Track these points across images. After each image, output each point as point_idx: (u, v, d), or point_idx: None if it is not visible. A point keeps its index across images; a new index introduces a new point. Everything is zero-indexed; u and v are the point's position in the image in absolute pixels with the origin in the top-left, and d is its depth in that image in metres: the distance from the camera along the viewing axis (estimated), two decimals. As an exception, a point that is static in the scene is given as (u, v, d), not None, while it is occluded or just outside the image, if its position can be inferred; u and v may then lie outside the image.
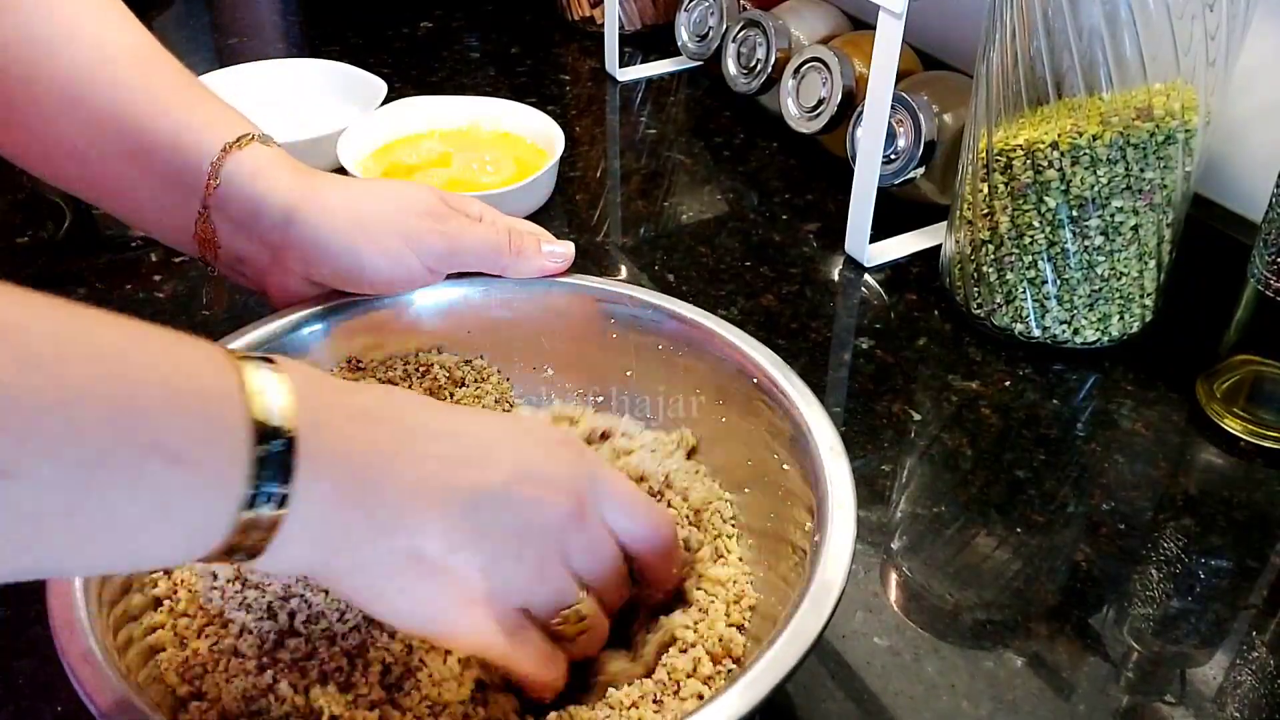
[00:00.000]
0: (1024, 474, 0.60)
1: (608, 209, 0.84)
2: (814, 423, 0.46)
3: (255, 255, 0.55)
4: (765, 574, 0.47)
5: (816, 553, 0.41)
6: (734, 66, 0.94)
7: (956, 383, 0.66)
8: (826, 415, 0.47)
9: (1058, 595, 0.53)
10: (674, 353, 0.54)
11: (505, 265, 0.56)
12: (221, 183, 0.53)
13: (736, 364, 0.51)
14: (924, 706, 0.47)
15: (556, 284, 0.56)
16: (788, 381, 0.49)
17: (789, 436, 0.47)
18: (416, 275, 0.55)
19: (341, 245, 0.53)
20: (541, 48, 1.11)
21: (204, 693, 0.41)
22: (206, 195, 0.53)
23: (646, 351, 0.55)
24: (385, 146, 0.85)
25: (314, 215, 0.53)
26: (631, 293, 0.55)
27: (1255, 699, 0.48)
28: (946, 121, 0.76)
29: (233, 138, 0.53)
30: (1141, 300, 0.67)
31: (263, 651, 0.42)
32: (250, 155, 0.53)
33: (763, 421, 0.49)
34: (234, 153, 0.53)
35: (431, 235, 0.54)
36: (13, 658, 0.48)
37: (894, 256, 0.78)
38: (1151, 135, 0.61)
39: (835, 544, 0.41)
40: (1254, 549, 0.55)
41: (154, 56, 0.54)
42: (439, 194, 0.56)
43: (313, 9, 1.21)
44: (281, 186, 0.53)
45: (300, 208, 0.53)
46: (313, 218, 0.53)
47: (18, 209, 0.81)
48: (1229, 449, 0.61)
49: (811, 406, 0.47)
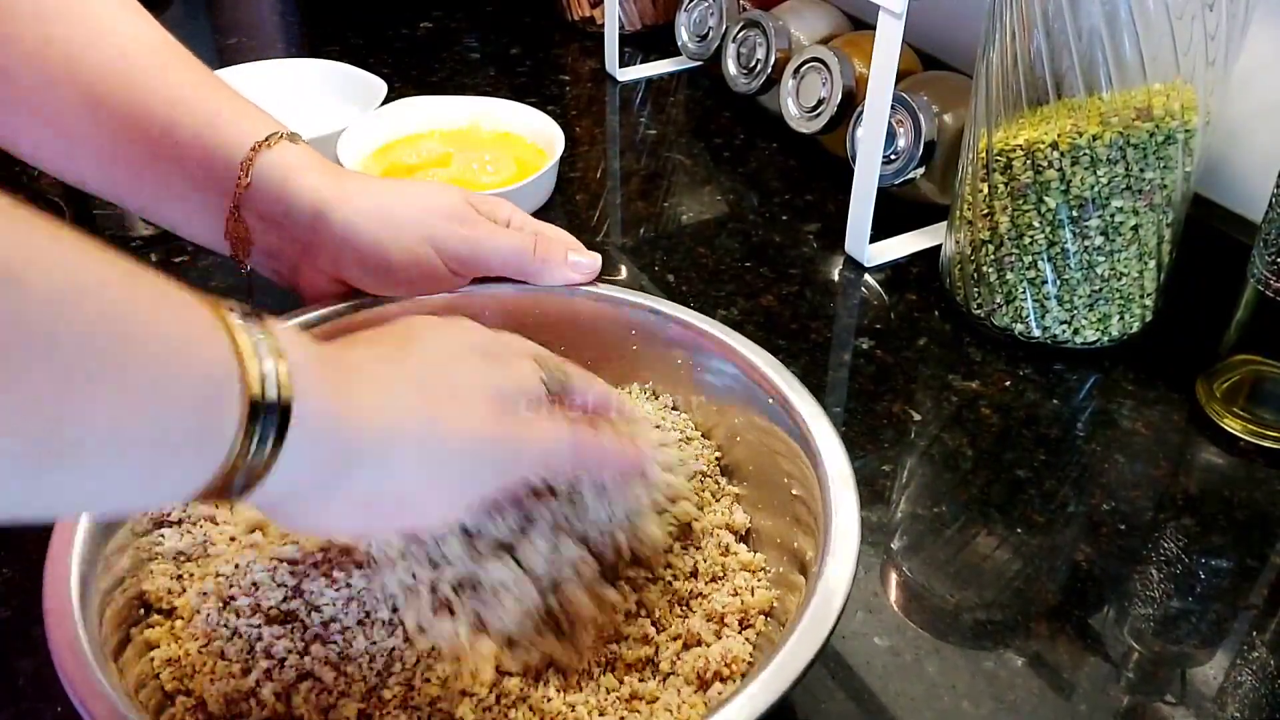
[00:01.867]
0: (1024, 474, 0.60)
1: (608, 209, 0.84)
2: (826, 451, 0.46)
3: (286, 252, 0.56)
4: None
5: (819, 574, 0.41)
6: (734, 66, 0.94)
7: (957, 383, 0.66)
8: (839, 442, 0.46)
9: (1058, 595, 0.53)
10: (692, 365, 0.54)
11: (529, 272, 0.56)
12: (252, 181, 0.53)
13: (752, 380, 0.51)
14: (924, 707, 0.47)
15: (580, 292, 0.56)
16: (799, 398, 0.49)
17: (800, 459, 0.48)
18: (441, 277, 0.55)
19: (369, 244, 0.53)
20: (541, 48, 1.11)
21: (190, 691, 0.41)
22: (238, 194, 0.53)
23: (663, 364, 0.55)
24: (385, 146, 0.85)
25: (343, 214, 0.53)
26: (655, 305, 0.55)
27: (1256, 699, 0.48)
28: (946, 121, 0.76)
29: (261, 136, 0.54)
30: (1141, 300, 0.67)
31: (251, 656, 0.42)
32: (280, 154, 0.54)
33: (776, 440, 0.50)
34: (264, 151, 0.53)
35: (455, 238, 0.54)
36: (14, 658, 0.48)
37: (894, 256, 0.78)
38: (1151, 135, 0.61)
39: (836, 570, 0.41)
40: (1254, 549, 0.55)
41: (175, 56, 0.55)
42: (467, 196, 0.57)
43: (313, 9, 1.21)
44: (311, 185, 0.53)
45: (330, 206, 0.53)
46: (342, 217, 0.53)
47: (18, 209, 0.81)
48: (1229, 449, 0.61)
49: (823, 428, 0.47)
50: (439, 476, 0.39)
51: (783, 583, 0.46)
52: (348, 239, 0.53)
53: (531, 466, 0.42)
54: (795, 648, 0.38)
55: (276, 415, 0.32)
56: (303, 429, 0.33)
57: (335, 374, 0.36)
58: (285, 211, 0.54)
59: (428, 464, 0.38)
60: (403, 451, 0.37)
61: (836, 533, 0.42)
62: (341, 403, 0.35)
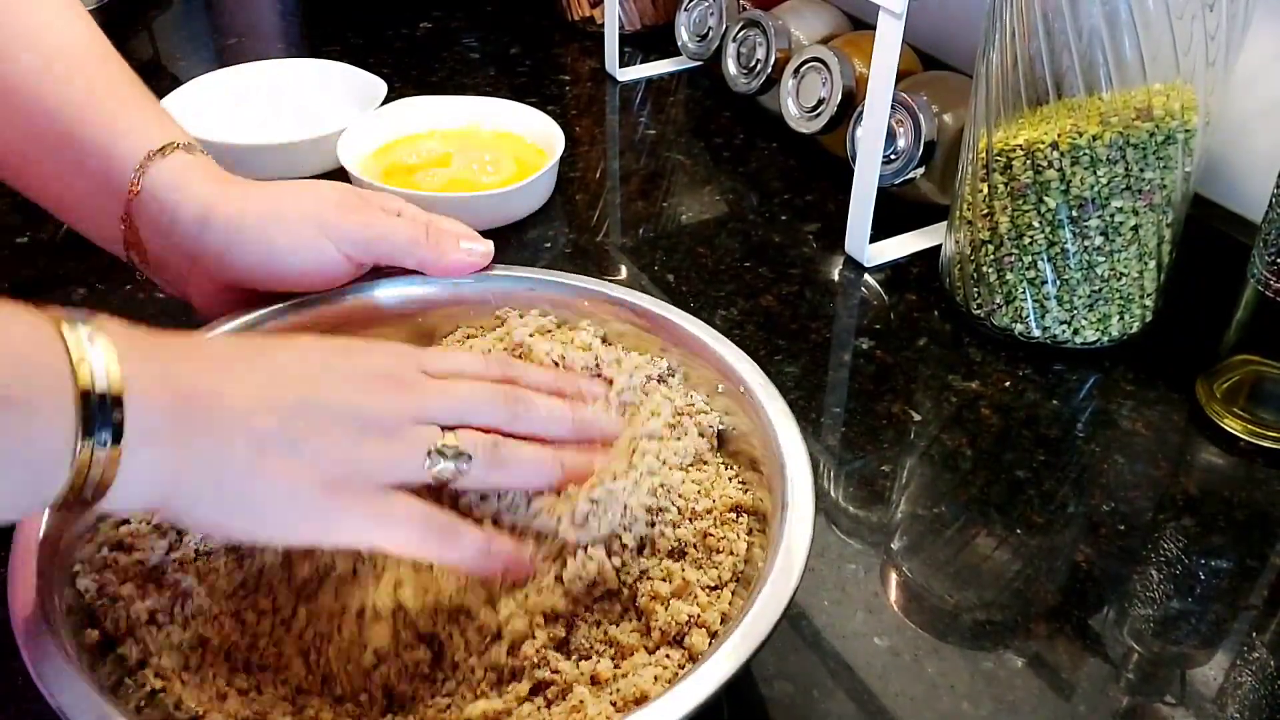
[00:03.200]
0: (1024, 474, 0.60)
1: (608, 209, 0.84)
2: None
3: (172, 262, 0.55)
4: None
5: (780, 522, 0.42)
6: (734, 66, 0.94)
7: (956, 383, 0.66)
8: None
9: (1058, 595, 0.53)
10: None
11: (422, 258, 0.56)
12: (142, 190, 0.53)
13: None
14: (924, 707, 0.47)
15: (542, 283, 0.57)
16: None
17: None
18: (336, 266, 0.55)
19: (254, 240, 0.53)
20: (541, 48, 1.11)
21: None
22: (129, 202, 0.54)
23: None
24: (385, 146, 0.85)
25: (227, 217, 0.53)
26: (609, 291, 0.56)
27: (1256, 699, 0.48)
28: (946, 121, 0.76)
29: (157, 145, 0.54)
30: (1141, 300, 0.67)
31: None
32: (170, 164, 0.54)
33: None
34: (156, 160, 0.53)
35: (348, 224, 0.54)
36: (13, 658, 0.48)
37: (894, 256, 0.78)
38: (1151, 135, 0.61)
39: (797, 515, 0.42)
40: (1254, 549, 0.55)
41: (98, 60, 0.56)
42: (356, 190, 0.58)
43: (313, 9, 1.21)
44: (197, 194, 0.53)
45: (214, 211, 0.53)
46: (225, 220, 0.53)
47: (17, 209, 0.81)
48: (1229, 449, 0.61)
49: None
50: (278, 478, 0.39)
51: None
52: (231, 239, 0.53)
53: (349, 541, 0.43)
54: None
55: (110, 400, 0.34)
56: (141, 406, 0.35)
57: (168, 355, 0.38)
58: (172, 220, 0.53)
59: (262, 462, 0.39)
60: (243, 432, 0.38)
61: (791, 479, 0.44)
62: (175, 374, 0.37)
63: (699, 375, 0.53)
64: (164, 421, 0.36)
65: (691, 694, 0.36)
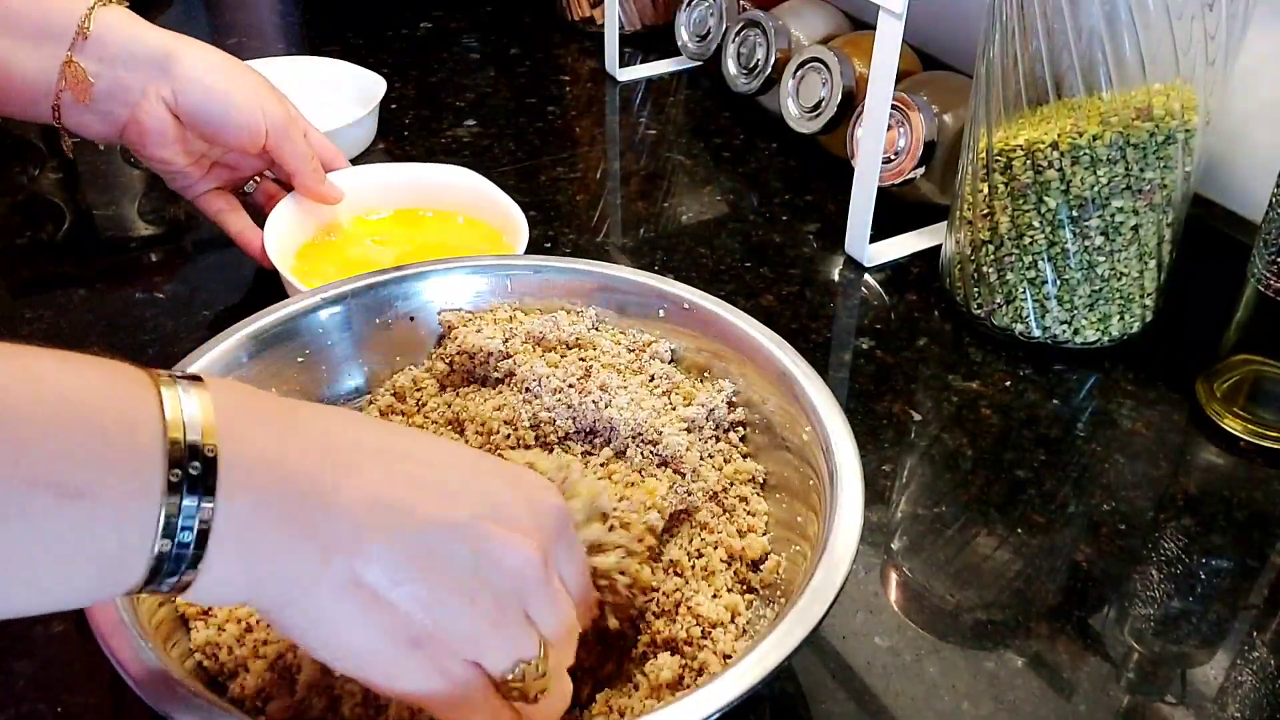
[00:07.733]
0: (1024, 474, 0.60)
1: (608, 209, 0.84)
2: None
3: (126, 90, 0.64)
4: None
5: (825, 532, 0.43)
6: (734, 66, 0.94)
7: (957, 383, 0.66)
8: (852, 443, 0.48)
9: (1058, 595, 0.53)
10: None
11: (303, 174, 0.70)
12: (93, 30, 0.63)
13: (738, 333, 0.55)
14: (925, 707, 0.47)
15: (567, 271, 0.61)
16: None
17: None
18: (255, 140, 0.67)
19: (218, 86, 0.65)
20: (541, 48, 1.11)
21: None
22: (76, 43, 0.63)
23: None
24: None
25: (193, 59, 0.65)
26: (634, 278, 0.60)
27: (1256, 699, 0.48)
28: (946, 121, 0.76)
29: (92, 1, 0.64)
30: (1141, 300, 0.67)
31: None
32: (117, 11, 0.64)
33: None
34: (100, 9, 0.64)
35: (277, 113, 0.68)
36: (13, 658, 0.48)
37: (894, 257, 0.78)
38: (1151, 135, 0.61)
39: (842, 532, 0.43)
40: (1254, 549, 0.55)
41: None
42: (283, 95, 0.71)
43: (313, 9, 1.21)
44: (156, 33, 0.65)
45: (180, 51, 0.65)
46: (192, 60, 0.65)
47: (17, 210, 0.81)
48: (1229, 449, 0.61)
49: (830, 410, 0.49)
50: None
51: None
52: (196, 76, 0.65)
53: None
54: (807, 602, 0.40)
55: (200, 461, 0.29)
56: (237, 476, 0.30)
57: (275, 419, 0.33)
58: (130, 54, 0.64)
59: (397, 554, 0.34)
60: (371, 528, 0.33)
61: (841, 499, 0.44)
62: (284, 448, 0.32)
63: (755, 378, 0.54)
64: (258, 515, 0.31)
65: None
